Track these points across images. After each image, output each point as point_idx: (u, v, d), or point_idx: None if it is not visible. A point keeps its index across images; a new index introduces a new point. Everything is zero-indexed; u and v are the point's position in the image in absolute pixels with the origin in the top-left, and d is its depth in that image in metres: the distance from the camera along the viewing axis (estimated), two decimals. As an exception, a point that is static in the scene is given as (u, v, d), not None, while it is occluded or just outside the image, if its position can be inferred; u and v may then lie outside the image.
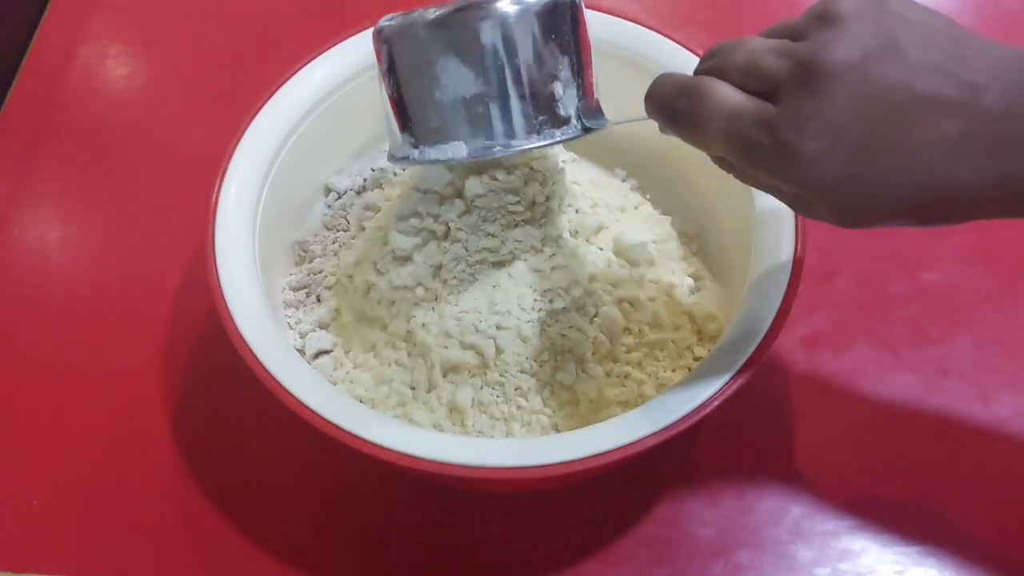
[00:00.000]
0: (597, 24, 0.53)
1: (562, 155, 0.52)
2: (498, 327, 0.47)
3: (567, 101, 0.44)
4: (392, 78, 0.44)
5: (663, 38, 0.53)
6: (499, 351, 0.46)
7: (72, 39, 0.70)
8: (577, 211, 0.51)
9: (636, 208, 0.54)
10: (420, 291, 0.48)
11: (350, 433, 0.41)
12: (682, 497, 0.50)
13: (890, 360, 0.54)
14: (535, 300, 0.47)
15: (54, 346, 0.56)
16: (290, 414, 0.42)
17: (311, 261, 0.53)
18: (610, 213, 0.52)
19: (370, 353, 0.49)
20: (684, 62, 0.51)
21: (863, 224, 0.36)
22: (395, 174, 0.56)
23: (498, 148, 0.43)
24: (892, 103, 0.33)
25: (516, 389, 0.47)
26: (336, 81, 0.53)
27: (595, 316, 0.48)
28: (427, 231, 0.49)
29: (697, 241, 0.54)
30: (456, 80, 0.43)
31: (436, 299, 0.48)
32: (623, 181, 0.57)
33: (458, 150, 0.44)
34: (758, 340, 0.43)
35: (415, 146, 0.45)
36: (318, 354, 0.50)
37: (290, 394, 0.42)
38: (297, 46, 0.54)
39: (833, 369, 0.54)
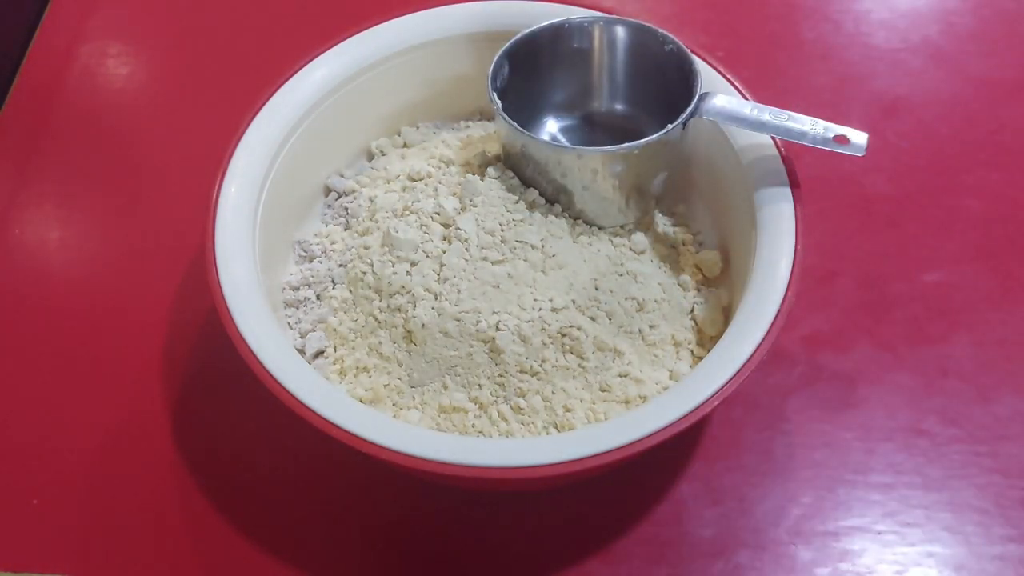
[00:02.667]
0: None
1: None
2: (498, 327, 0.47)
3: None
4: None
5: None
6: (499, 351, 0.46)
7: (72, 39, 0.70)
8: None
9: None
10: (420, 290, 0.48)
11: (350, 433, 0.41)
12: (682, 497, 0.50)
13: (890, 360, 0.54)
14: (535, 300, 0.47)
15: (54, 346, 0.56)
16: (290, 414, 0.42)
17: (311, 261, 0.53)
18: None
19: (370, 352, 0.49)
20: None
21: None
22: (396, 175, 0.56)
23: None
24: None
25: (516, 389, 0.47)
26: (336, 81, 0.53)
27: (595, 316, 0.48)
28: (427, 230, 0.50)
29: (698, 241, 0.54)
30: None
31: (436, 298, 0.48)
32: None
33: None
34: (758, 340, 0.43)
35: None
36: (318, 354, 0.50)
37: (290, 394, 0.42)
38: (297, 46, 0.54)
39: (833, 369, 0.54)
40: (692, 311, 0.51)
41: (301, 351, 0.50)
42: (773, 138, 0.49)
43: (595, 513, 0.49)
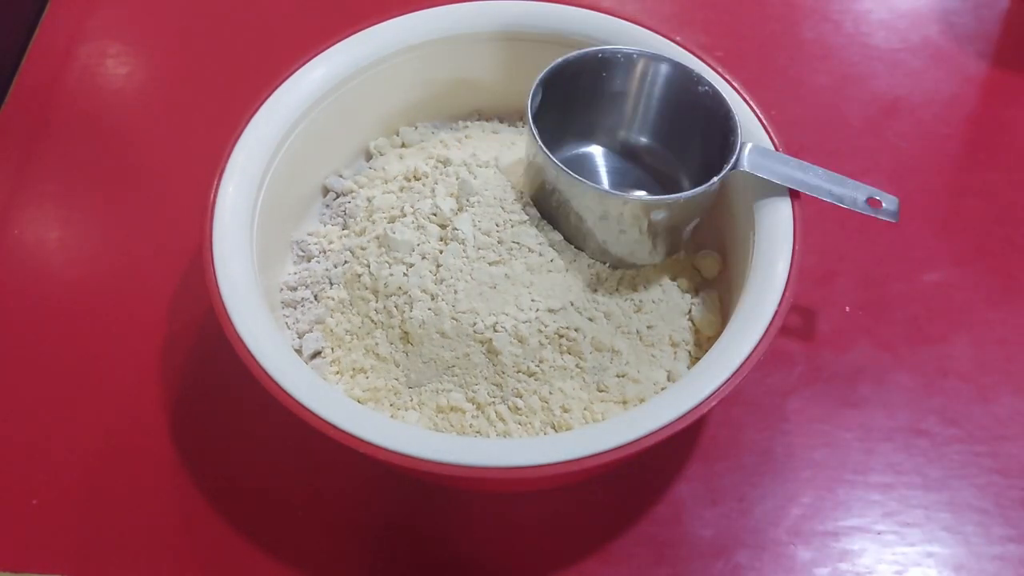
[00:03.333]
0: (597, 26, 0.54)
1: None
2: (495, 328, 0.47)
3: None
4: None
5: (663, 39, 0.53)
6: (496, 352, 0.46)
7: (72, 39, 0.70)
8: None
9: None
10: (417, 291, 0.48)
11: (348, 433, 0.41)
12: (682, 497, 0.50)
13: (890, 360, 0.54)
14: (532, 300, 0.47)
15: (53, 346, 0.56)
16: (288, 414, 0.42)
17: (309, 261, 0.53)
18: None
19: (368, 353, 0.49)
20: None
21: None
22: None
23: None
24: None
25: (513, 389, 0.47)
26: (336, 81, 0.53)
27: (593, 316, 0.48)
28: (424, 231, 0.49)
29: (696, 242, 0.54)
30: None
31: (433, 299, 0.48)
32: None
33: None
34: (755, 341, 0.43)
35: None
36: (315, 354, 0.50)
37: (288, 395, 0.42)
38: (297, 46, 0.53)
39: (833, 369, 0.54)
40: (690, 312, 0.51)
41: (298, 351, 0.50)
42: (771, 136, 0.49)
43: (595, 513, 0.49)
